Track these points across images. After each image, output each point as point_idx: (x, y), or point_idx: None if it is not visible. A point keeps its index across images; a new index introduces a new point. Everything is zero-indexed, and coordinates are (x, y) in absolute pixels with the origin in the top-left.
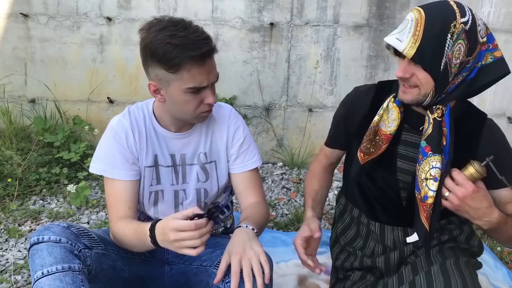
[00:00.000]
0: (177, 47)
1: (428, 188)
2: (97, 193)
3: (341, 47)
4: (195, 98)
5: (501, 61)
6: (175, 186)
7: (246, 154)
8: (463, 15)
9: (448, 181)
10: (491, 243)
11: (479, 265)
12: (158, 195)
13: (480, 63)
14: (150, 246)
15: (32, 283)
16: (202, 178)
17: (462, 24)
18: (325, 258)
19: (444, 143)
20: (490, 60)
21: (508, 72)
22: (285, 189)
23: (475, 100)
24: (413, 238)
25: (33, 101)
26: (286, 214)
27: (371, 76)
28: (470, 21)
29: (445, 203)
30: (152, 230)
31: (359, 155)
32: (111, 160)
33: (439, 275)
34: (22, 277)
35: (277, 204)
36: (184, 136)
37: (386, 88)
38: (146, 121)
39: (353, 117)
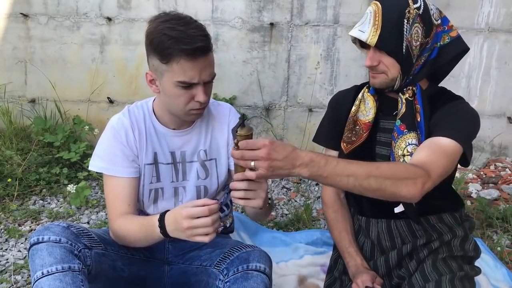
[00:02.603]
0: (171, 39)
1: None
2: (97, 193)
3: (341, 47)
4: (186, 94)
5: (458, 39)
6: (175, 183)
7: None
8: (415, 1)
9: (241, 153)
10: (491, 243)
11: (478, 272)
12: (158, 193)
13: (439, 44)
14: (157, 238)
15: (32, 283)
16: (202, 175)
17: (415, 10)
18: (325, 258)
19: (419, 119)
20: (447, 40)
21: (467, 49)
22: (285, 189)
23: (475, 100)
24: (399, 208)
25: (33, 101)
26: (286, 214)
27: None
28: (422, 6)
29: (256, 174)
30: (161, 220)
31: (342, 145)
32: (111, 157)
33: None
34: (22, 277)
35: (277, 204)
36: (184, 133)
37: (365, 85)
38: (146, 119)
39: (338, 114)
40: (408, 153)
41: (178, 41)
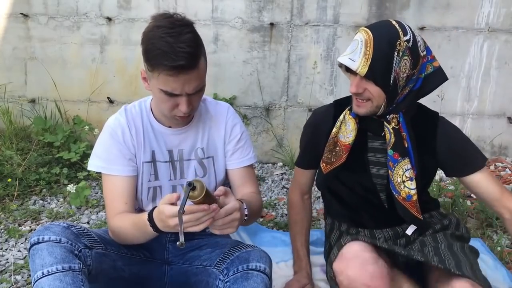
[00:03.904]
0: (157, 50)
1: (409, 188)
2: (97, 193)
3: (341, 47)
4: (169, 100)
5: (439, 70)
6: (173, 181)
7: (243, 150)
8: (405, 33)
9: None
10: (491, 243)
11: (476, 252)
12: (156, 191)
13: (423, 74)
14: (152, 234)
15: (32, 283)
16: (200, 173)
17: (405, 42)
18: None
19: (406, 145)
20: (431, 70)
21: (446, 79)
22: (285, 189)
23: (475, 100)
24: (411, 229)
25: (33, 101)
26: (286, 214)
27: None
28: (411, 39)
29: None
30: (150, 219)
31: (322, 165)
32: (108, 156)
33: (447, 252)
34: (22, 277)
35: (277, 204)
36: (181, 132)
37: (344, 103)
38: (143, 117)
39: (319, 137)
40: (407, 178)
41: (162, 54)
